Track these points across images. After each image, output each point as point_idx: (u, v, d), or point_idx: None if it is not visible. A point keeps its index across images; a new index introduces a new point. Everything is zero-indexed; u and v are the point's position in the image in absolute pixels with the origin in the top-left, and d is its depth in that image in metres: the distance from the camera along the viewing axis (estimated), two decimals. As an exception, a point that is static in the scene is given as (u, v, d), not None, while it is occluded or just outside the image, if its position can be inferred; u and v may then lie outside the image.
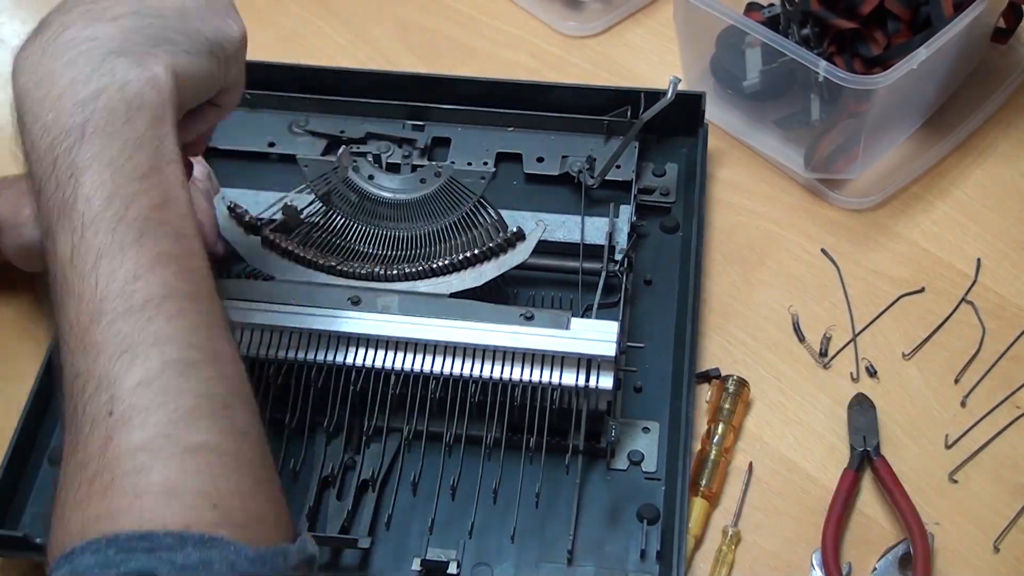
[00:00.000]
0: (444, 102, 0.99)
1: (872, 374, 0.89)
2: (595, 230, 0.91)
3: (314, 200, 0.90)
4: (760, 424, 0.86)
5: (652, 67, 1.09)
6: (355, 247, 0.89)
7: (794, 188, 1.00)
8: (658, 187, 0.97)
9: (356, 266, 0.86)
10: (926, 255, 0.95)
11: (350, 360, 0.81)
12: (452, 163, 0.96)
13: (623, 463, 0.83)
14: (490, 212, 0.89)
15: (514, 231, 0.85)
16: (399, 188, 0.92)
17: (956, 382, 0.88)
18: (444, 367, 0.80)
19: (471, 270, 0.85)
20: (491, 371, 0.80)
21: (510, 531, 0.79)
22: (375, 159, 0.96)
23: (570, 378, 0.79)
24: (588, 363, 0.79)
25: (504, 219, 0.89)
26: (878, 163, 1.00)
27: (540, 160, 0.97)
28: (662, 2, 1.13)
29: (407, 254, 0.88)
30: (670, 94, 0.89)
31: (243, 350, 0.81)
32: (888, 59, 0.93)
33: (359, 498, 0.81)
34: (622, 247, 0.89)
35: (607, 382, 0.79)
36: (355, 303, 0.82)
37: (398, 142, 0.98)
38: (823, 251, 0.96)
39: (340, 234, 0.90)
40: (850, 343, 0.90)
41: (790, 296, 0.93)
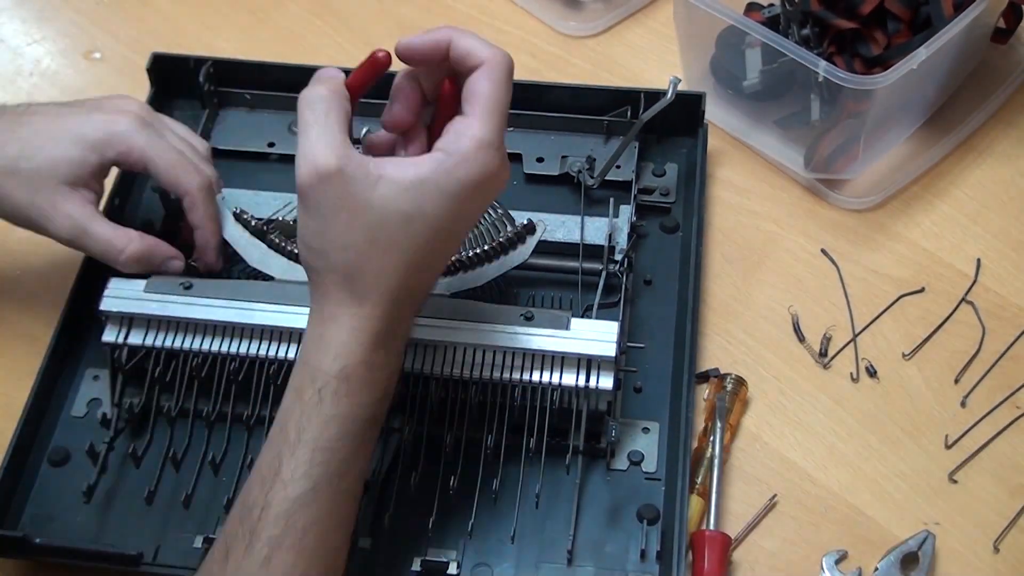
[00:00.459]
0: (444, 102, 0.99)
1: (872, 374, 0.89)
2: (595, 230, 0.91)
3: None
4: (760, 424, 0.87)
5: (652, 67, 1.09)
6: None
7: (794, 188, 1.00)
8: (658, 187, 0.97)
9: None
10: (926, 255, 0.95)
11: (350, 360, 0.80)
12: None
13: (623, 463, 0.83)
14: (495, 208, 0.89)
15: (524, 223, 0.85)
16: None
17: (956, 382, 0.88)
18: (444, 367, 0.80)
19: (471, 270, 0.85)
20: (491, 371, 0.80)
21: (510, 531, 0.79)
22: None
23: (570, 378, 0.79)
24: (588, 363, 0.79)
25: (511, 214, 0.88)
26: (878, 163, 1.00)
27: (540, 160, 0.97)
28: (662, 2, 1.13)
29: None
30: (670, 94, 0.89)
31: (243, 351, 0.81)
32: (888, 59, 0.93)
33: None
34: (622, 247, 0.89)
35: (607, 382, 0.79)
36: (355, 303, 0.82)
37: (398, 142, 0.98)
38: (823, 251, 0.96)
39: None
40: (850, 343, 0.90)
41: (790, 296, 0.93)
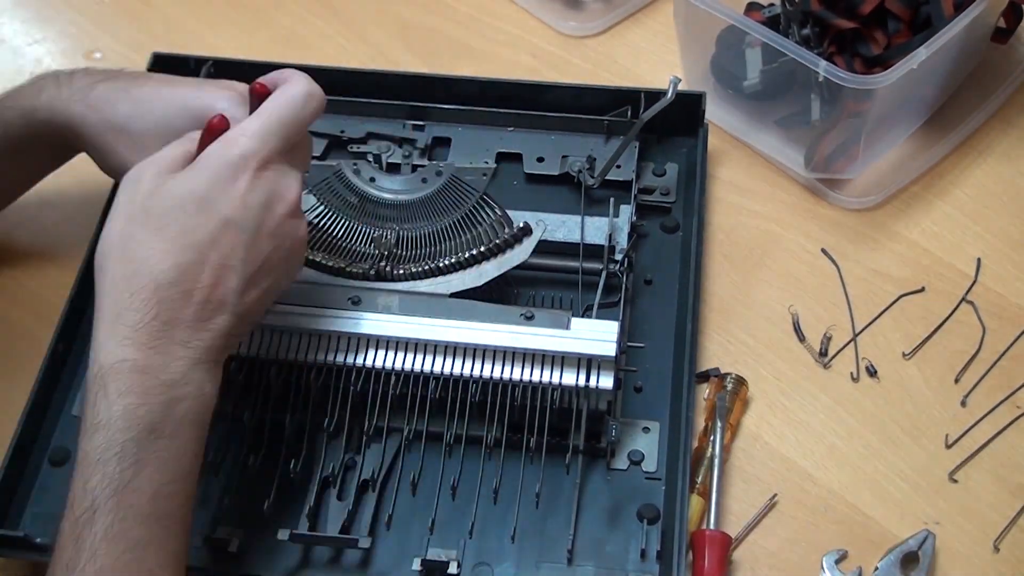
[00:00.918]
0: (444, 102, 0.99)
1: (872, 374, 0.89)
2: (595, 230, 0.91)
3: (316, 204, 0.90)
4: (760, 424, 0.87)
5: (652, 67, 1.09)
6: (357, 248, 0.89)
7: (794, 188, 1.00)
8: (658, 187, 0.97)
9: (356, 265, 0.86)
10: (926, 255, 0.95)
11: (350, 360, 0.81)
12: (452, 163, 0.97)
13: (623, 463, 0.83)
14: (494, 209, 0.89)
15: (520, 226, 0.85)
16: (401, 189, 0.92)
17: (956, 382, 0.88)
18: (444, 367, 0.80)
19: (472, 270, 0.85)
20: (491, 371, 0.80)
21: (510, 531, 0.79)
22: (375, 159, 0.96)
23: (570, 378, 0.79)
24: (588, 363, 0.79)
25: (508, 215, 0.89)
26: (878, 163, 1.00)
27: (540, 160, 0.97)
28: (662, 2, 1.13)
29: (410, 254, 0.88)
30: (670, 94, 0.89)
31: (244, 350, 0.81)
32: (888, 59, 0.93)
33: (359, 498, 0.81)
34: (622, 247, 0.89)
35: (607, 382, 0.79)
36: (355, 303, 0.82)
37: (398, 142, 0.98)
38: (823, 251, 0.96)
39: (342, 235, 0.90)
40: (850, 343, 0.90)
41: (790, 296, 0.93)
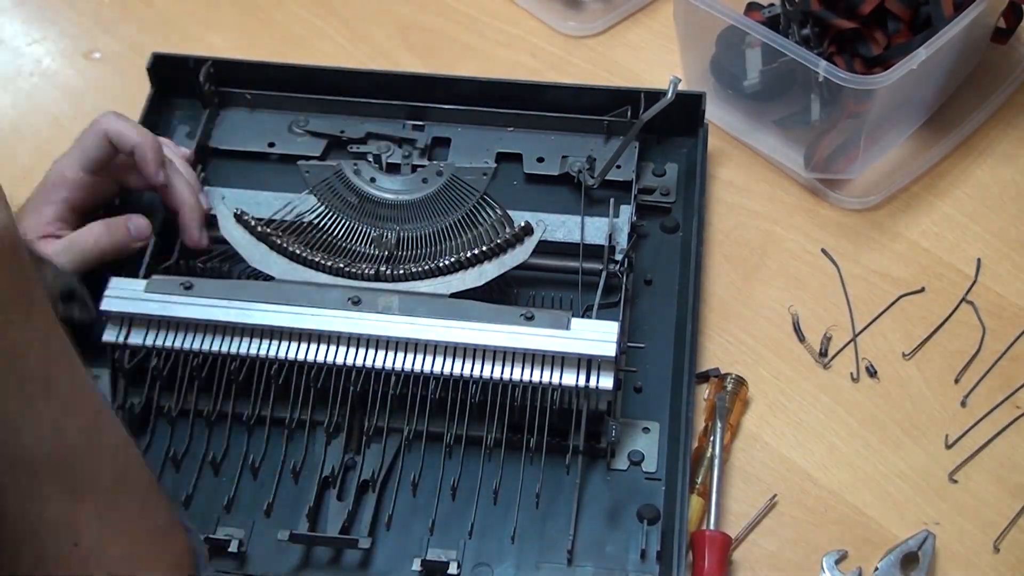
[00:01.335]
0: (444, 102, 0.99)
1: (872, 374, 0.89)
2: (595, 230, 0.91)
3: (317, 204, 0.91)
4: (760, 424, 0.86)
5: (652, 67, 1.09)
6: (357, 248, 0.89)
7: (794, 188, 1.00)
8: (658, 187, 0.97)
9: (356, 266, 0.86)
10: (926, 255, 0.95)
11: (350, 360, 0.81)
12: (452, 163, 0.97)
13: (623, 463, 0.83)
14: (495, 209, 0.89)
15: (521, 226, 0.85)
16: (401, 189, 0.92)
17: (956, 382, 0.88)
18: (444, 367, 0.80)
19: (471, 270, 0.85)
20: (491, 371, 0.80)
21: (510, 531, 0.79)
22: (375, 159, 0.96)
23: (570, 378, 0.79)
24: (588, 363, 0.79)
25: (509, 215, 0.89)
26: (878, 163, 1.00)
27: (540, 160, 0.97)
28: (662, 2, 1.13)
29: (410, 254, 0.89)
30: (670, 94, 0.89)
31: (244, 350, 0.81)
32: (888, 59, 0.93)
33: (359, 498, 0.81)
34: (622, 247, 0.89)
35: (607, 382, 0.79)
36: (355, 303, 0.82)
37: (398, 142, 0.98)
38: (823, 251, 0.96)
39: (342, 235, 0.90)
40: (850, 343, 0.90)
41: (790, 296, 0.93)
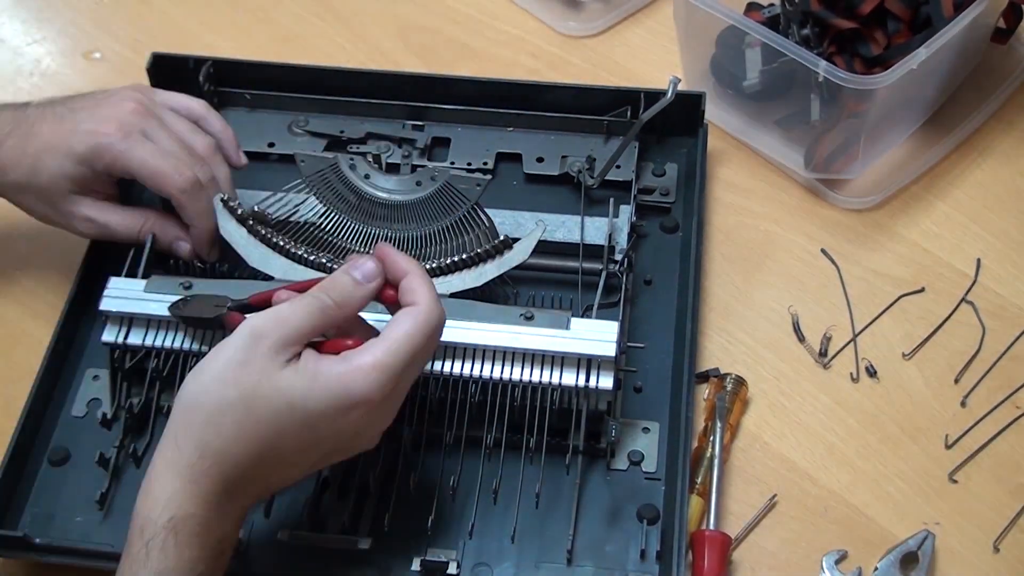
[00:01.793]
0: (444, 102, 0.99)
1: (872, 374, 0.89)
2: (595, 230, 0.91)
3: (308, 197, 0.90)
4: (760, 424, 0.86)
5: (652, 67, 1.09)
6: (353, 247, 0.89)
7: (794, 188, 1.00)
8: (658, 187, 0.97)
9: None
10: (926, 255, 0.95)
11: (350, 360, 0.80)
12: (452, 163, 0.97)
13: (623, 463, 0.83)
14: (483, 219, 0.89)
15: (501, 240, 0.85)
16: (394, 189, 0.92)
17: (956, 382, 0.88)
18: (444, 367, 0.80)
19: (471, 270, 0.85)
20: (491, 371, 0.80)
21: (510, 531, 0.79)
22: (375, 159, 0.96)
23: (570, 378, 0.79)
24: (588, 363, 0.79)
25: (496, 227, 0.88)
26: (878, 163, 1.00)
27: (540, 160, 0.97)
28: (662, 2, 1.13)
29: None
30: (670, 94, 0.89)
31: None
32: (888, 59, 0.93)
33: (359, 498, 0.81)
34: (622, 247, 0.89)
35: (607, 382, 0.79)
36: (355, 303, 0.82)
37: (398, 142, 0.98)
38: (823, 251, 0.96)
39: (338, 234, 0.90)
40: (850, 343, 0.90)
41: (790, 296, 0.93)
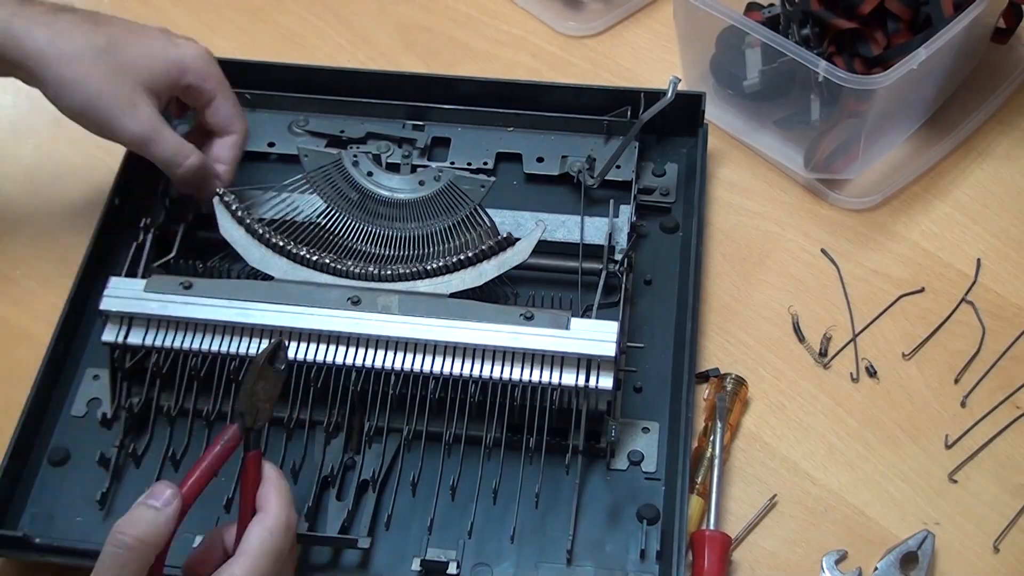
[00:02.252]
0: (444, 102, 0.99)
1: (872, 374, 0.89)
2: (595, 230, 0.91)
3: (308, 196, 0.90)
4: (760, 424, 0.86)
5: (652, 67, 1.09)
6: (354, 246, 0.89)
7: (794, 188, 1.00)
8: (658, 187, 0.97)
9: (356, 266, 0.85)
10: (926, 255, 0.95)
11: (350, 360, 0.81)
12: (452, 163, 0.97)
13: (623, 463, 0.83)
14: (484, 219, 0.89)
15: (503, 236, 0.85)
16: (397, 187, 0.92)
17: (956, 382, 0.88)
18: (444, 367, 0.80)
19: (471, 270, 0.85)
20: (491, 371, 0.80)
21: (510, 531, 0.79)
22: (375, 159, 0.96)
23: (570, 378, 0.79)
24: (588, 363, 0.79)
25: (497, 228, 0.88)
26: (878, 163, 1.00)
27: (540, 160, 0.97)
28: (662, 2, 1.13)
29: (405, 254, 0.88)
30: (670, 94, 0.89)
31: (243, 350, 0.81)
32: (888, 59, 0.93)
33: (359, 498, 0.81)
34: (622, 247, 0.89)
35: (607, 382, 0.79)
36: (355, 303, 0.82)
37: (398, 142, 0.98)
38: (823, 251, 0.96)
39: (339, 232, 0.90)
40: (850, 343, 0.90)
41: (790, 296, 0.93)
